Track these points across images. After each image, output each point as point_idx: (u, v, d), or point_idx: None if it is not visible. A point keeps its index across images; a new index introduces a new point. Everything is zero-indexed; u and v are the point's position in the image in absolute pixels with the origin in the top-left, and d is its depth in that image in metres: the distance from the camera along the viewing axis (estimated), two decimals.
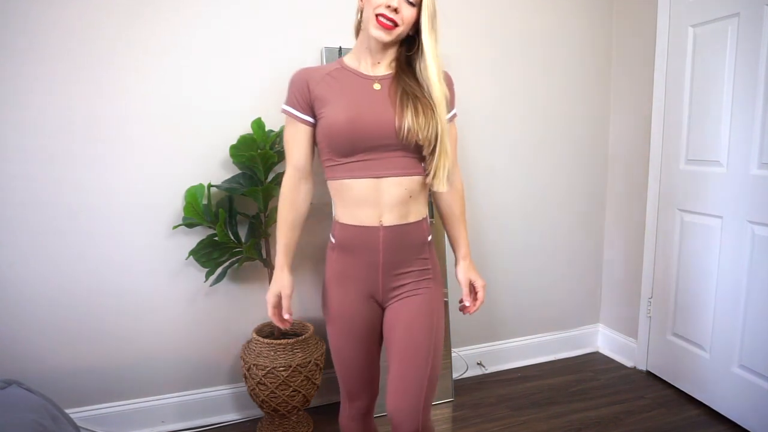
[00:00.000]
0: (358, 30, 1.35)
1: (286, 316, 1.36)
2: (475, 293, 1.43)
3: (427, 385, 1.31)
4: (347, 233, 1.32)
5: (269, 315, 1.35)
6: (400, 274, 1.33)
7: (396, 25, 1.23)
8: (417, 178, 1.31)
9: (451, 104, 1.36)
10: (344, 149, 1.26)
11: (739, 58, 2.04)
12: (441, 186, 1.30)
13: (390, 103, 1.26)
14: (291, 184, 1.36)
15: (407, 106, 1.24)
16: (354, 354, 1.38)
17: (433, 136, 1.25)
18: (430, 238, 1.38)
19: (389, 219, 1.29)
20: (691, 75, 2.26)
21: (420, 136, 1.24)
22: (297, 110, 1.32)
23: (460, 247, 1.45)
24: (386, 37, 1.24)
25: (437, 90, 1.26)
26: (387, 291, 1.34)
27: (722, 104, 2.12)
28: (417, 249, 1.35)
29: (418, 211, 1.34)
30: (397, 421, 1.29)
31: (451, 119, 1.38)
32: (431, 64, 1.26)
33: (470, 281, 1.43)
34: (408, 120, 1.23)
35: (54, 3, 1.82)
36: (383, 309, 1.37)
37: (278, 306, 1.36)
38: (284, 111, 1.35)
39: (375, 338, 1.39)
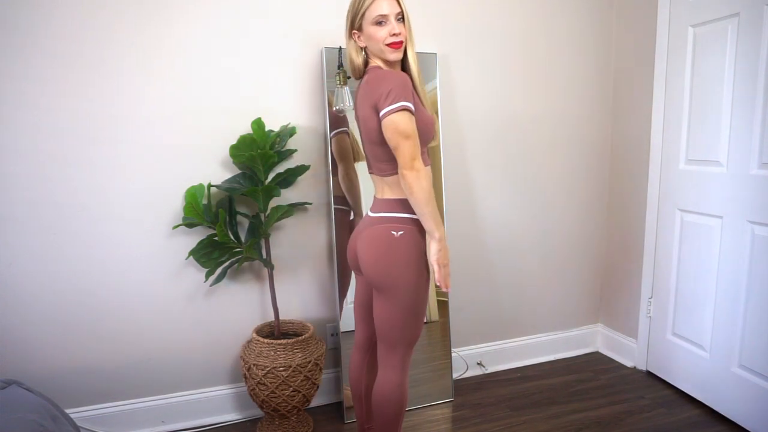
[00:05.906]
0: (365, 63, 1.61)
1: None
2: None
3: None
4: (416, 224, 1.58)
5: (446, 277, 1.51)
6: None
7: (402, 42, 1.55)
8: None
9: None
10: (427, 143, 1.59)
11: (739, 58, 2.04)
12: None
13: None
14: (429, 170, 1.58)
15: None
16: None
17: None
18: None
19: None
20: (691, 75, 2.26)
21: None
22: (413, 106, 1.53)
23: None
24: (401, 54, 1.57)
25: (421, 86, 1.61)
26: None
27: (722, 104, 2.12)
28: None
29: None
30: None
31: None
32: (413, 66, 1.59)
33: None
34: None
35: (58, 5, 1.82)
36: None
37: None
38: (407, 108, 1.47)
39: None
